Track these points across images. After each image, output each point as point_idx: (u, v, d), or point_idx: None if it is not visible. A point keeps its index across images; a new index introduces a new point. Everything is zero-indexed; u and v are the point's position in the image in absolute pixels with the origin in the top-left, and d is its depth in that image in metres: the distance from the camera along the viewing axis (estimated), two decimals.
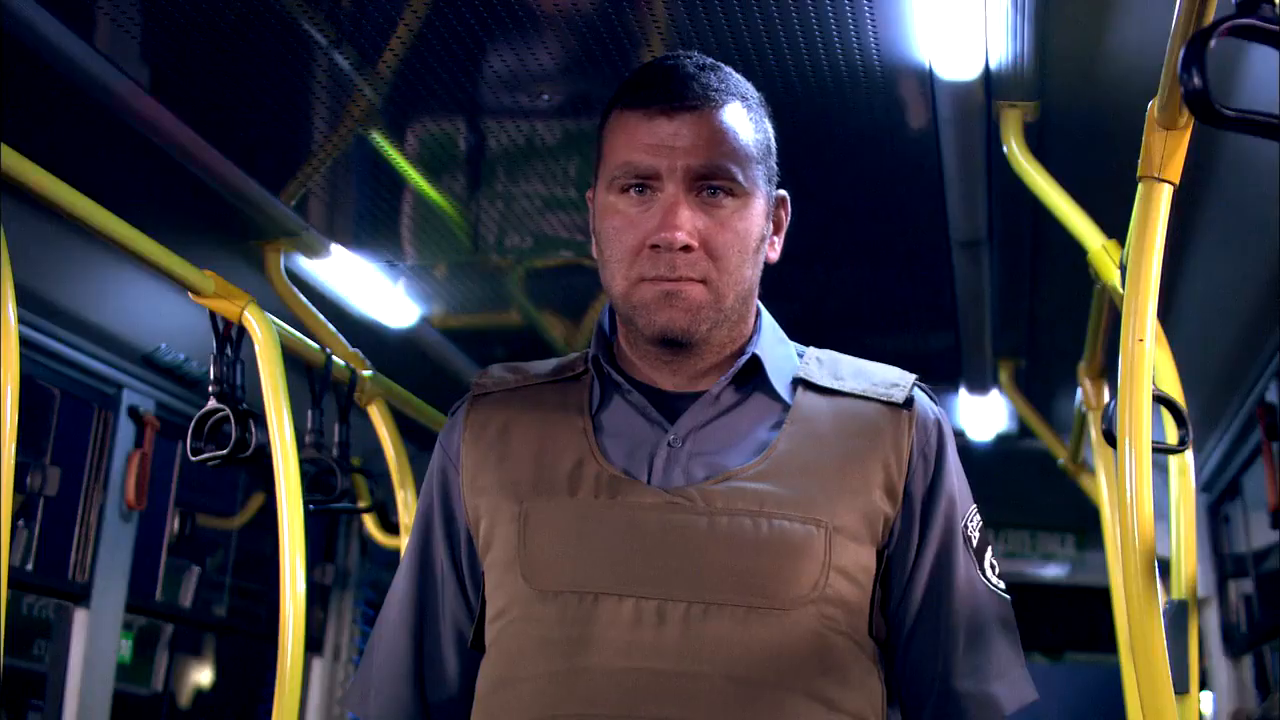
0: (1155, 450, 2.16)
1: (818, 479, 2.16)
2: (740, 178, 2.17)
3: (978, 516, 2.27)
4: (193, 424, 3.61)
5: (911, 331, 5.47)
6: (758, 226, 2.22)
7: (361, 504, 4.92)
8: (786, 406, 2.23)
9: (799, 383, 2.27)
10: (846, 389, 2.25)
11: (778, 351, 2.31)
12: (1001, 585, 2.27)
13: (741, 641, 2.08)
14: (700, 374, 2.26)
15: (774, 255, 2.30)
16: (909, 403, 2.23)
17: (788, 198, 2.33)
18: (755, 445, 2.20)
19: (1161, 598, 2.17)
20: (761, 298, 2.31)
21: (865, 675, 2.15)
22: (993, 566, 2.29)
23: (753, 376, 2.25)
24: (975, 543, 2.25)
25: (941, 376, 5.81)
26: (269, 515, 3.45)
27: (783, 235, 2.33)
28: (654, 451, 2.20)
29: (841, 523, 2.13)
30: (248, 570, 6.71)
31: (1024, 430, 6.18)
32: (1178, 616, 2.60)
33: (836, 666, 2.12)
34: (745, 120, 2.22)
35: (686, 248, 2.14)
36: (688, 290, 2.16)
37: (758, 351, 2.26)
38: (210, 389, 3.61)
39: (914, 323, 5.33)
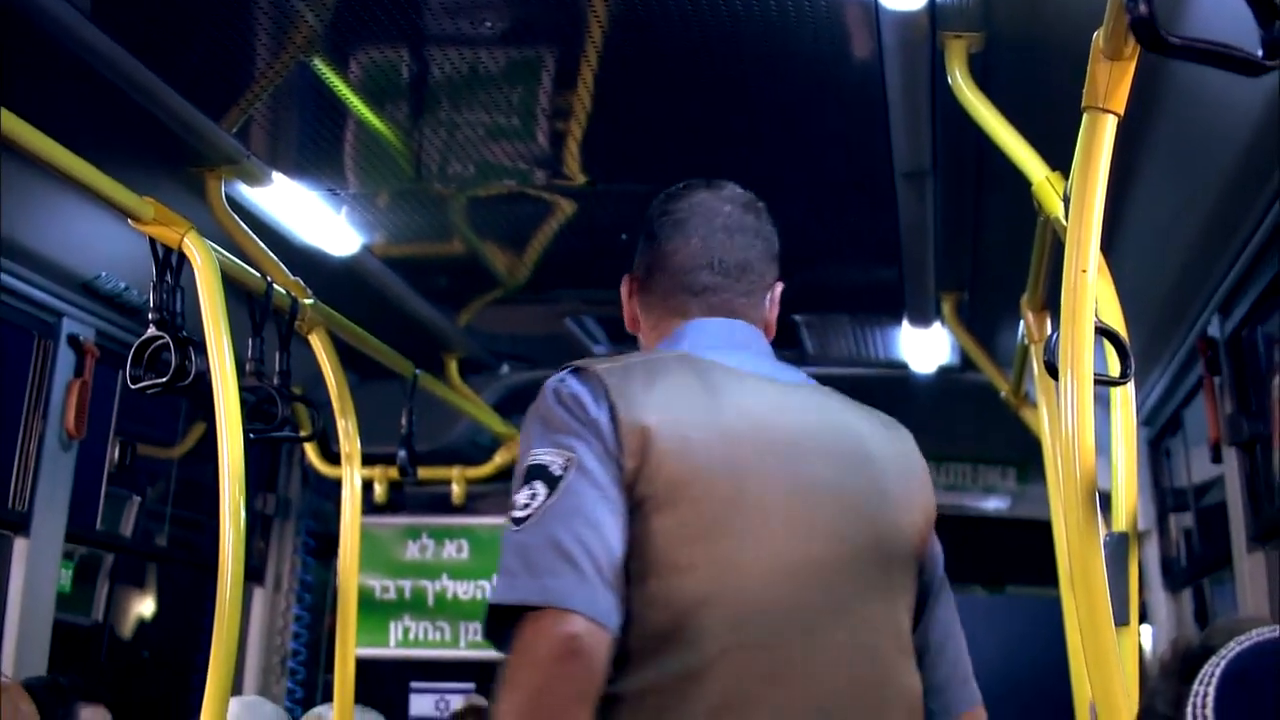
0: (1097, 382, 2.16)
1: None
2: None
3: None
4: (132, 351, 3.58)
5: (855, 264, 5.46)
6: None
7: (302, 433, 4.90)
8: None
9: None
10: None
11: None
12: None
13: None
14: None
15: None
16: None
17: None
18: None
19: (1102, 530, 2.18)
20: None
21: None
22: None
23: None
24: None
25: (884, 309, 5.81)
26: (210, 444, 3.44)
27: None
28: None
29: None
30: (189, 500, 6.68)
31: (966, 363, 6.18)
32: (1118, 549, 2.60)
33: None
34: None
35: None
36: None
37: None
38: (150, 316, 3.58)
39: (857, 255, 5.32)
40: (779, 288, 3.10)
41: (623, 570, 2.53)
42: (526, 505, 2.56)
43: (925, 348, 6.15)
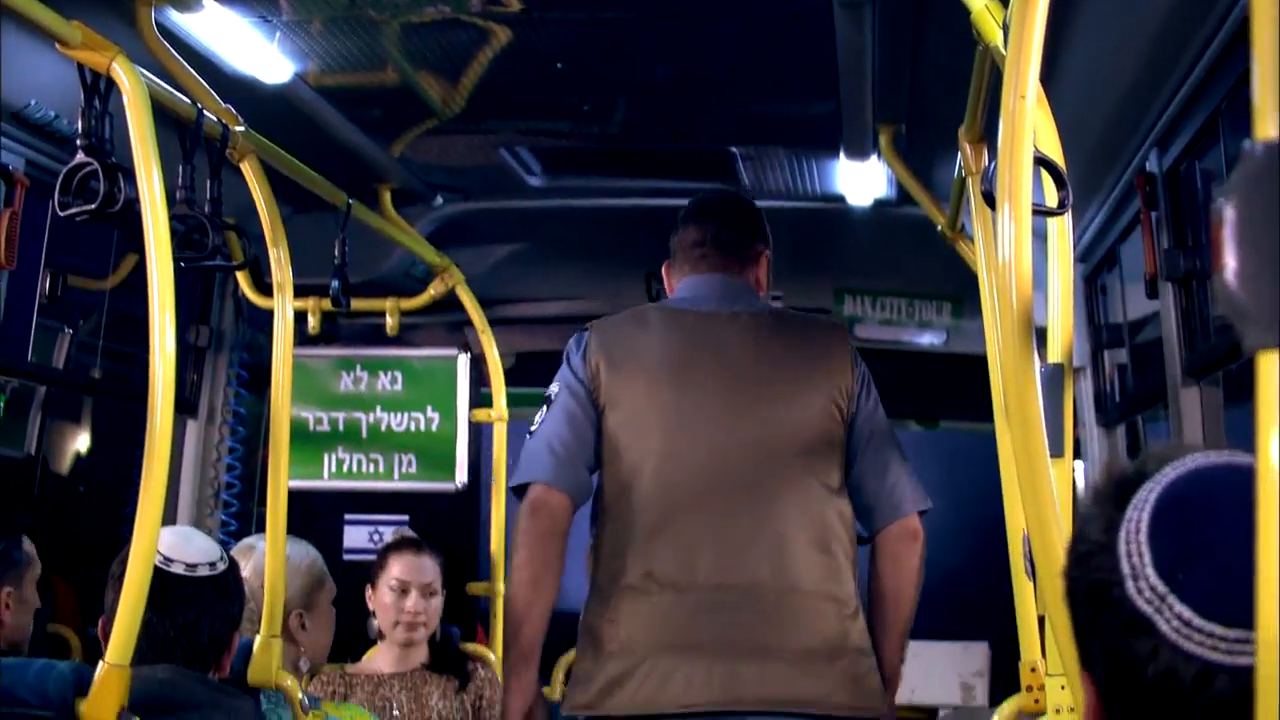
0: (1034, 212, 2.15)
1: None
2: None
3: None
4: (60, 178, 3.53)
5: (791, 96, 5.44)
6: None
7: (234, 261, 4.86)
8: None
9: None
10: None
11: None
12: None
13: None
14: None
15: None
16: None
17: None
18: None
19: (1037, 364, 2.18)
20: (638, 59, 2.31)
21: None
22: None
23: None
24: None
25: (821, 142, 5.78)
26: (142, 276, 3.39)
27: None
28: None
29: None
30: (121, 332, 6.65)
31: (903, 196, 6.16)
32: (1053, 379, 2.60)
33: None
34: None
35: None
36: None
37: None
38: (79, 143, 3.53)
39: (794, 87, 5.29)
40: (766, 256, 4.76)
41: (588, 454, 4.40)
42: (537, 421, 4.45)
43: (862, 181, 6.13)
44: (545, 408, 4.44)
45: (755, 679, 4.18)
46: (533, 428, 4.42)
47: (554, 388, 4.47)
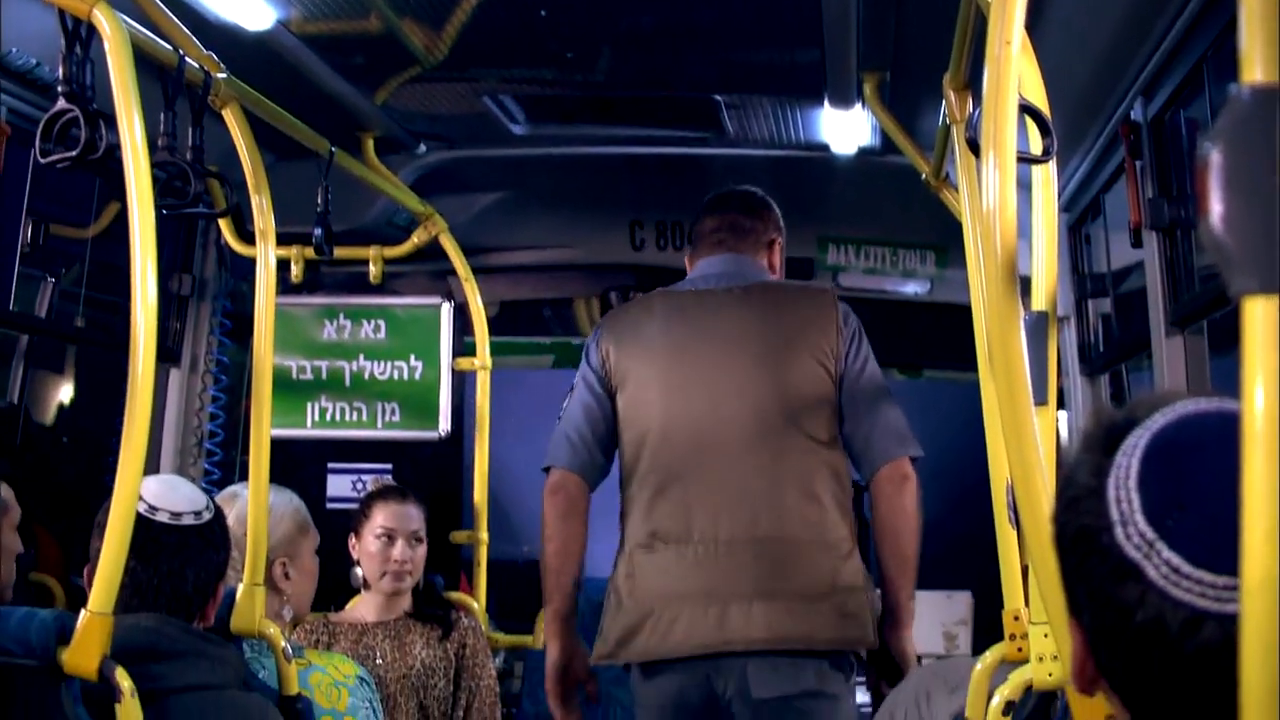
0: (1019, 160, 2.15)
1: None
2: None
3: None
4: (42, 125, 3.51)
5: (776, 43, 5.41)
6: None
7: (216, 208, 4.85)
8: None
9: None
10: None
11: None
12: None
13: None
14: None
15: None
16: None
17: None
18: None
19: (1021, 312, 2.17)
20: (623, 6, 2.30)
21: None
22: None
23: None
24: None
25: (805, 90, 5.77)
26: (125, 225, 3.38)
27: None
28: None
29: None
30: (104, 281, 6.63)
31: (888, 145, 6.15)
32: (1037, 327, 2.59)
33: None
34: None
35: None
36: None
37: None
38: (59, 89, 3.50)
39: (778, 34, 5.27)
40: (779, 244, 5.34)
41: (602, 438, 5.04)
42: (564, 408, 5.10)
43: (846, 129, 6.12)
44: (569, 397, 5.12)
45: (743, 622, 4.67)
46: (561, 413, 5.12)
47: (576, 378, 5.15)
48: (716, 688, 4.74)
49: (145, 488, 3.45)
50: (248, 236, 5.83)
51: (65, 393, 7.64)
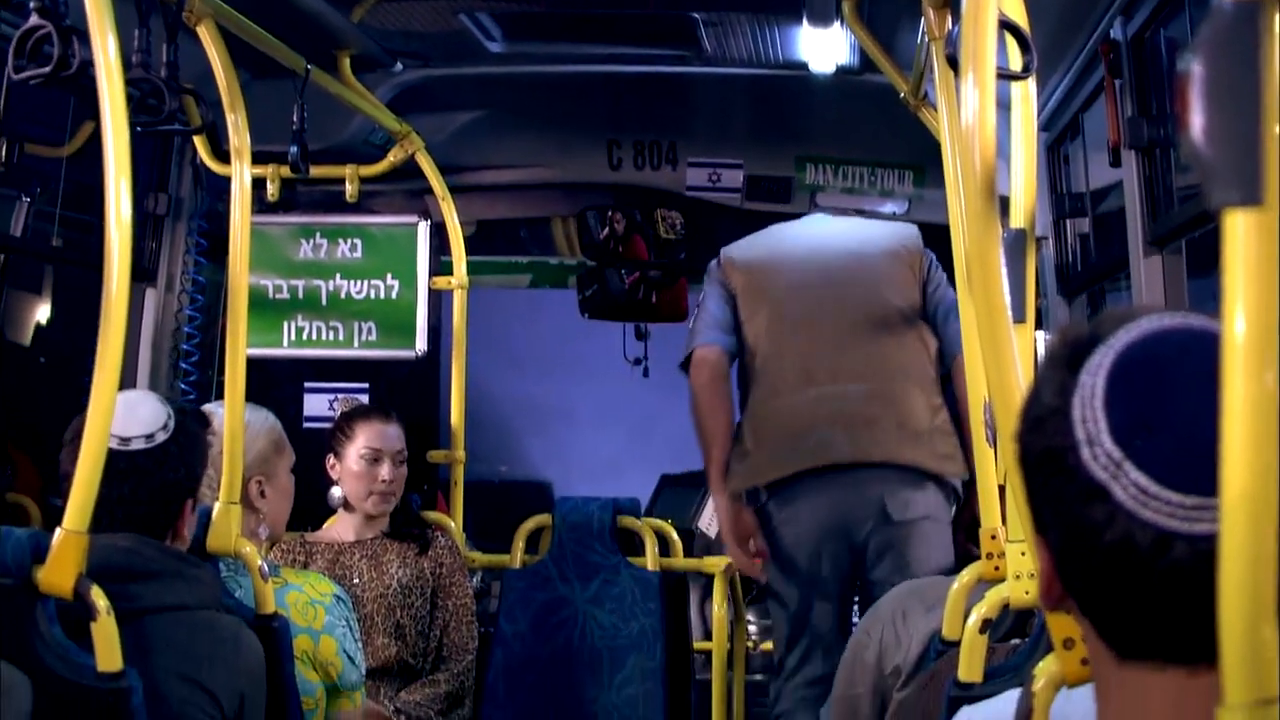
0: (998, 76, 2.13)
1: None
2: None
3: None
4: (14, 41, 3.49)
5: None
6: None
7: (192, 125, 4.82)
8: None
9: None
10: None
11: None
12: None
13: None
14: None
15: None
16: None
17: None
18: None
19: (1000, 231, 2.17)
20: None
21: None
22: None
23: None
24: None
25: (784, 7, 5.74)
26: (100, 144, 3.35)
27: None
28: None
29: None
30: (80, 201, 6.60)
31: (866, 63, 6.14)
32: (1016, 244, 2.59)
33: None
34: None
35: None
36: None
37: None
38: (32, 5, 3.47)
39: None
40: None
41: (731, 325, 5.95)
42: (694, 318, 6.07)
43: (824, 47, 6.10)
44: (699, 308, 6.10)
45: (869, 441, 5.65)
46: (697, 310, 6.12)
47: (703, 292, 6.14)
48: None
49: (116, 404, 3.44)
50: (223, 155, 5.79)
51: (42, 313, 7.62)
